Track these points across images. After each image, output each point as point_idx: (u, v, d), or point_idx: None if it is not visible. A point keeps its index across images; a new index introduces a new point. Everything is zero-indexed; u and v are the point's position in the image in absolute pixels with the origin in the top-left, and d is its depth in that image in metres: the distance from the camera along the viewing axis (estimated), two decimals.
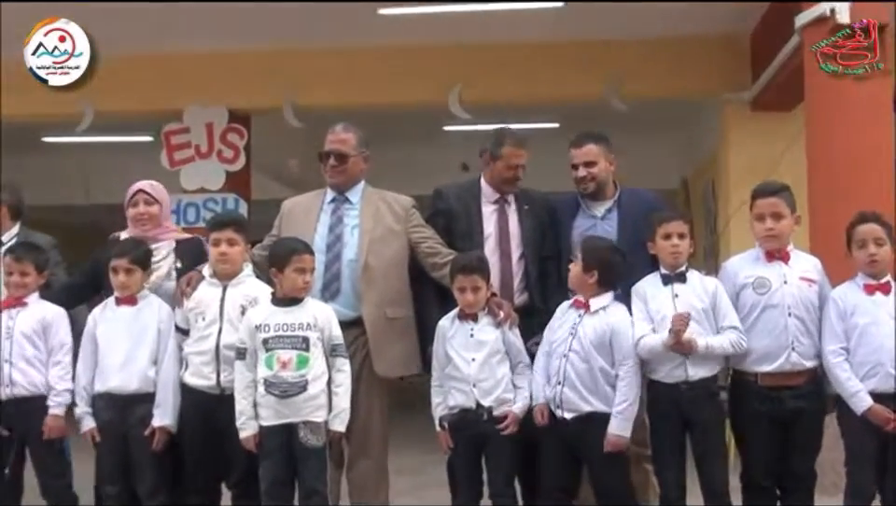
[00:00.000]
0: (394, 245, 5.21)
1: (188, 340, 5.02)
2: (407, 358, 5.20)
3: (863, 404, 4.56)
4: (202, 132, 9.83)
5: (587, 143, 5.28)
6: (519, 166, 5.30)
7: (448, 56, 9.12)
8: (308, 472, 4.68)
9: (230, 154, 9.84)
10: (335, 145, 5.29)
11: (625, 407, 4.62)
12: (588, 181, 5.23)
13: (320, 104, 9.24)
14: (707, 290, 4.70)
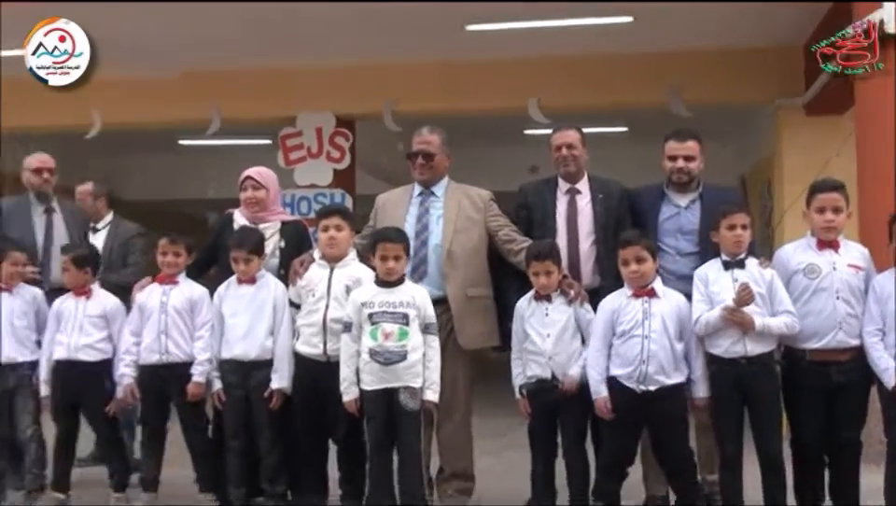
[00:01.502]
0: (474, 233, 5.22)
1: (299, 313, 5.09)
2: (487, 333, 5.21)
3: (893, 380, 4.48)
4: (312, 135, 9.90)
5: (689, 139, 5.18)
6: (561, 146, 5.24)
7: (528, 67, 9.03)
8: (406, 434, 4.73)
9: (337, 154, 9.90)
10: (422, 145, 5.31)
11: (702, 373, 4.65)
12: (685, 173, 5.13)
13: (415, 110, 9.23)
14: (763, 277, 4.62)
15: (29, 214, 6.12)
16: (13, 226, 6.02)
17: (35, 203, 6.17)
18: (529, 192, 5.40)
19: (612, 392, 4.65)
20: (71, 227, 6.14)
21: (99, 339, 5.32)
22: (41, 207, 6.14)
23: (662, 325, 4.61)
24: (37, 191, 6.18)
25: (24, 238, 5.87)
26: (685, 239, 5.08)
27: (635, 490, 5.06)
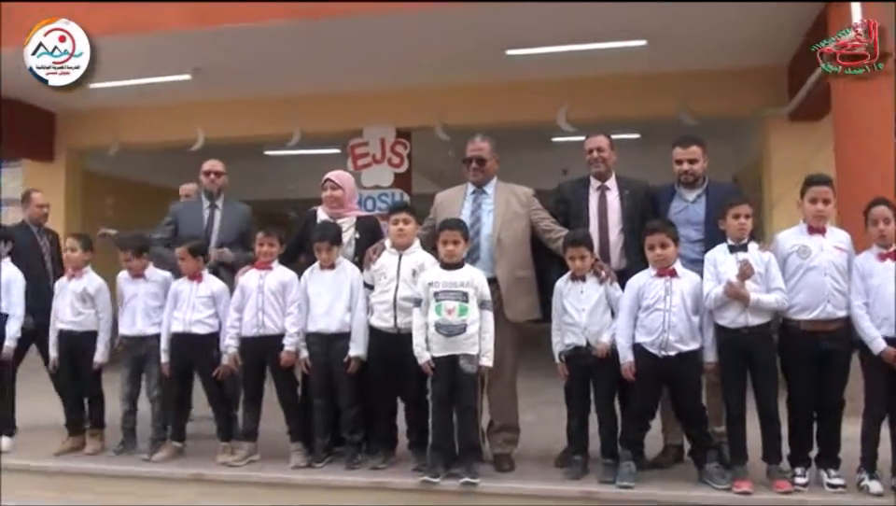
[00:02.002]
0: (519, 224, 5.16)
1: (373, 293, 5.09)
2: (531, 307, 5.15)
3: (880, 346, 4.42)
4: (377, 144, 9.92)
5: (692, 144, 5.08)
6: (592, 149, 5.17)
7: (557, 85, 8.98)
8: (465, 392, 4.73)
9: (397, 160, 9.91)
10: (476, 152, 5.25)
11: (712, 342, 4.60)
12: (689, 174, 5.04)
13: (462, 122, 9.20)
14: (762, 259, 4.54)
15: (199, 209, 6.05)
16: (186, 218, 6.00)
17: (204, 200, 6.09)
18: (566, 189, 5.33)
19: (637, 357, 4.61)
20: (227, 221, 6.02)
21: (208, 315, 5.34)
22: (208, 203, 6.06)
23: (681, 300, 4.57)
24: (206, 190, 6.08)
25: (194, 230, 5.84)
26: (693, 228, 4.99)
27: (655, 441, 5.02)
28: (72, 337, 5.62)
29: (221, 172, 6.13)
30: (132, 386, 5.55)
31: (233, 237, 5.94)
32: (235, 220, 6.05)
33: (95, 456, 5.54)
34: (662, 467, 4.96)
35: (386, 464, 5.09)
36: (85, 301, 5.62)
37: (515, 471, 4.97)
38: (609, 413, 4.76)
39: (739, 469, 4.52)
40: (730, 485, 4.46)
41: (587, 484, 4.67)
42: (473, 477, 4.67)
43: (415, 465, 4.97)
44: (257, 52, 8.10)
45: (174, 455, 5.41)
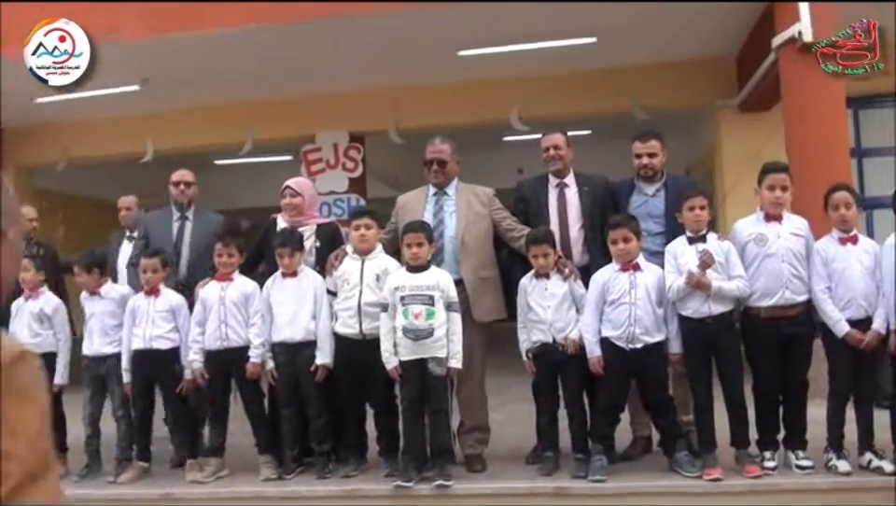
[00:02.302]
0: (482, 224, 5.16)
1: (336, 300, 5.05)
2: (497, 307, 5.17)
3: (843, 329, 4.51)
4: (330, 149, 9.88)
5: (652, 139, 5.14)
6: (549, 148, 5.19)
7: (509, 84, 9.01)
8: (435, 395, 4.72)
9: (351, 165, 9.88)
10: (436, 154, 5.23)
11: (676, 333, 4.65)
12: (649, 168, 5.09)
13: (415, 125, 9.22)
14: (722, 249, 4.61)
15: (169, 221, 5.86)
16: (155, 232, 5.81)
17: (174, 211, 5.89)
18: (525, 188, 5.36)
19: (605, 351, 4.66)
20: (197, 232, 5.81)
21: (168, 330, 5.26)
22: (178, 215, 5.87)
23: (646, 293, 4.62)
24: (176, 201, 5.88)
25: (163, 242, 5.67)
26: (653, 222, 5.05)
27: (625, 433, 5.07)
28: None
29: (191, 182, 5.93)
30: (93, 407, 5.43)
31: (204, 249, 5.75)
32: (207, 232, 5.81)
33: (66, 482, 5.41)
34: (632, 459, 5.02)
35: (358, 471, 5.05)
36: (42, 321, 5.50)
37: (487, 471, 4.97)
38: (578, 408, 4.80)
39: (709, 456, 4.58)
40: (700, 473, 4.53)
41: (559, 480, 4.70)
42: (446, 479, 4.66)
43: (387, 471, 4.95)
44: (205, 60, 8.02)
45: (140, 475, 5.31)
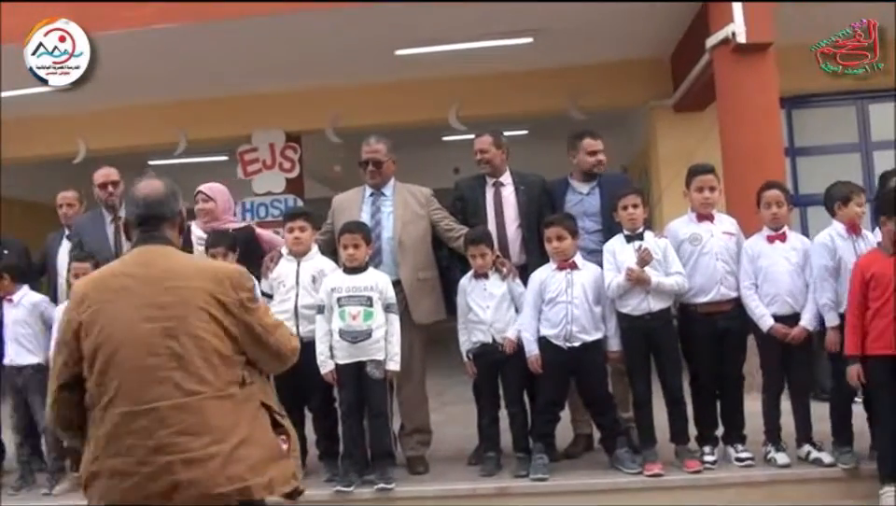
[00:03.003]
0: (420, 225, 5.13)
1: (272, 303, 4.95)
2: (436, 308, 5.14)
3: (767, 324, 4.62)
4: (266, 149, 9.75)
5: (598, 137, 5.19)
6: (478, 151, 5.20)
7: (447, 84, 9.02)
8: (374, 398, 4.67)
9: (288, 165, 9.75)
10: (371, 154, 5.17)
11: (615, 330, 4.69)
12: (602, 164, 5.14)
13: (353, 124, 9.17)
14: (659, 246, 4.67)
15: (102, 225, 5.60)
16: (89, 237, 5.54)
17: (105, 214, 5.64)
18: (463, 187, 5.35)
19: (543, 350, 4.67)
20: None
21: None
22: (110, 217, 5.62)
23: (582, 292, 4.64)
24: (105, 204, 5.64)
25: (100, 247, 5.41)
26: (590, 220, 5.08)
27: (565, 431, 5.10)
28: None
29: (117, 181, 5.67)
30: (18, 417, 5.25)
31: None
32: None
33: None
34: (574, 456, 5.05)
35: None
36: None
37: (430, 473, 4.95)
38: (519, 407, 4.81)
39: (649, 452, 4.63)
40: (641, 469, 4.57)
41: (501, 480, 4.71)
42: (388, 483, 4.62)
43: (327, 475, 4.88)
44: (137, 58, 7.80)
45: (76, 486, 5.14)
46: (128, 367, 2.32)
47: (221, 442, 2.32)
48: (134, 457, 2.28)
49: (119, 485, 2.30)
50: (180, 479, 2.27)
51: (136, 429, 2.29)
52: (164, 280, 2.41)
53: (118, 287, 2.42)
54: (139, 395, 2.30)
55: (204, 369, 2.34)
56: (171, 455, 2.27)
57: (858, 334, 4.22)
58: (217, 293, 2.42)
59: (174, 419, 2.29)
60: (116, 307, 2.37)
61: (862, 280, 4.21)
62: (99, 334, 2.36)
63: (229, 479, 2.32)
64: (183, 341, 2.34)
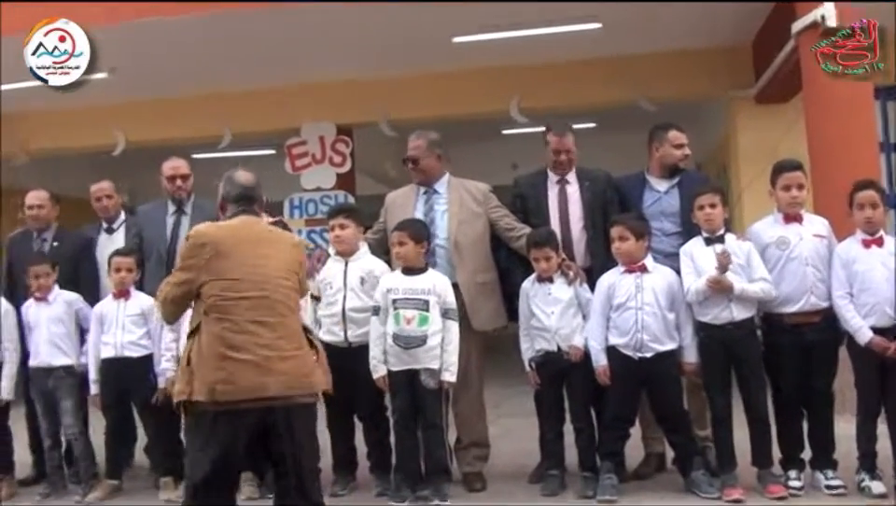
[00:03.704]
0: (477, 223, 5.09)
1: (320, 305, 4.97)
2: (497, 313, 5.10)
3: (865, 337, 4.42)
4: (316, 143, 9.79)
5: (683, 130, 5.12)
6: (560, 151, 5.10)
7: (508, 73, 8.94)
8: (428, 409, 4.65)
9: (338, 159, 9.79)
10: (409, 151, 5.18)
11: (691, 340, 4.60)
12: (687, 158, 5.09)
13: (408, 116, 9.15)
14: (742, 249, 4.55)
15: (163, 215, 5.71)
16: (148, 227, 5.68)
17: (170, 205, 5.74)
18: (523, 184, 5.28)
19: (612, 360, 4.60)
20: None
21: (140, 336, 5.16)
22: (174, 209, 5.72)
23: (653, 297, 4.56)
24: (171, 197, 5.73)
25: (158, 238, 5.57)
26: (668, 221, 4.99)
27: (636, 450, 5.00)
28: None
29: (188, 174, 5.72)
30: (48, 422, 5.32)
31: None
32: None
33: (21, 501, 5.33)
34: (644, 477, 4.94)
35: (347, 490, 4.99)
36: None
37: (487, 490, 4.91)
38: (585, 422, 4.74)
39: (728, 475, 4.52)
40: (719, 494, 4.46)
41: (565, 500, 4.64)
42: (443, 499, 4.61)
43: (378, 489, 4.89)
44: (179, 48, 7.93)
45: (110, 493, 5.22)
46: (242, 293, 3.35)
47: (299, 348, 3.42)
48: (250, 353, 3.29)
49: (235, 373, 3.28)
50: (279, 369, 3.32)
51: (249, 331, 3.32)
52: (259, 239, 3.52)
53: (232, 238, 3.45)
54: (249, 314, 3.33)
55: (285, 299, 3.43)
56: (273, 351, 3.32)
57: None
58: (292, 252, 3.59)
59: (272, 330, 3.34)
60: (233, 251, 3.41)
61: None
62: (220, 269, 3.37)
63: (304, 374, 3.40)
64: (273, 281, 3.41)
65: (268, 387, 3.28)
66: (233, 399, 3.26)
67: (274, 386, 3.28)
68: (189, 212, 5.70)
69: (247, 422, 3.28)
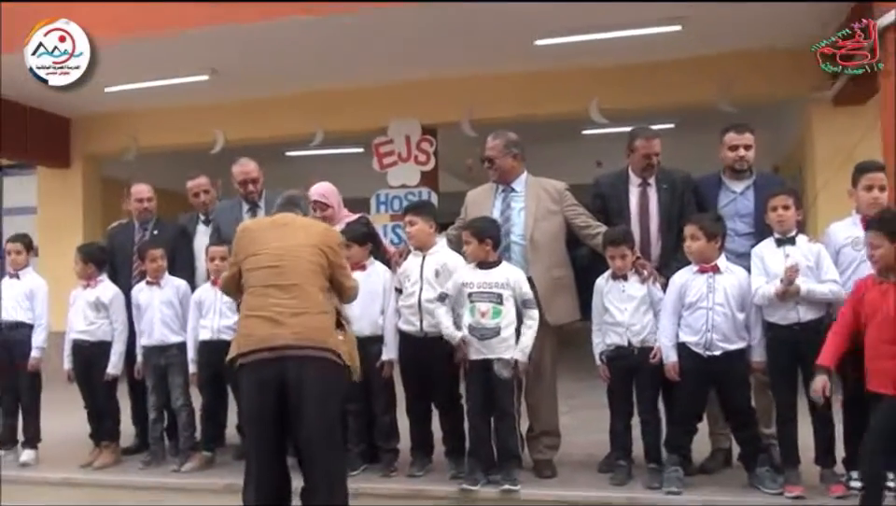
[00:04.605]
0: (554, 221, 5.13)
1: (400, 297, 5.10)
2: (571, 308, 5.14)
3: None
4: (402, 142, 9.89)
5: (746, 131, 5.07)
6: (650, 155, 5.09)
7: (587, 74, 8.90)
8: (502, 398, 4.72)
9: (423, 158, 9.87)
10: (487, 151, 5.24)
11: (760, 340, 4.56)
12: (745, 161, 5.02)
13: (490, 117, 9.16)
14: (812, 252, 4.50)
15: (239, 213, 5.90)
16: (225, 223, 5.85)
17: (244, 204, 5.98)
18: (604, 184, 5.29)
19: (682, 357, 4.59)
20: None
21: (236, 320, 5.33)
22: (248, 207, 5.95)
23: (725, 297, 4.54)
24: (245, 198, 5.96)
25: (231, 233, 5.80)
26: (742, 221, 4.96)
27: (702, 444, 5.01)
28: (84, 347, 5.70)
29: (257, 178, 5.92)
30: (156, 396, 5.62)
31: None
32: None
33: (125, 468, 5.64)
34: (710, 471, 4.94)
35: (423, 472, 5.11)
36: (98, 309, 5.68)
37: (557, 478, 4.97)
38: (653, 415, 4.75)
39: (791, 472, 4.48)
40: (781, 490, 4.43)
41: (632, 491, 4.67)
42: (513, 484, 4.68)
43: (452, 472, 4.99)
44: (275, 50, 8.12)
45: (204, 464, 5.47)
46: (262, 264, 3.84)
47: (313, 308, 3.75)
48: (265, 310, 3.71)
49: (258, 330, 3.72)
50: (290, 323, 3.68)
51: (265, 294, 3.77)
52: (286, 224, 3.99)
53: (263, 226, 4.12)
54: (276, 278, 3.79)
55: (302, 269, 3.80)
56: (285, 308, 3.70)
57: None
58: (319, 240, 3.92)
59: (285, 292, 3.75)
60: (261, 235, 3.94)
61: None
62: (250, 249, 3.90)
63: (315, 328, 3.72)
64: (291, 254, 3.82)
65: (279, 337, 3.63)
66: (249, 349, 3.66)
67: (285, 336, 3.63)
68: (264, 207, 5.91)
69: (266, 376, 3.64)
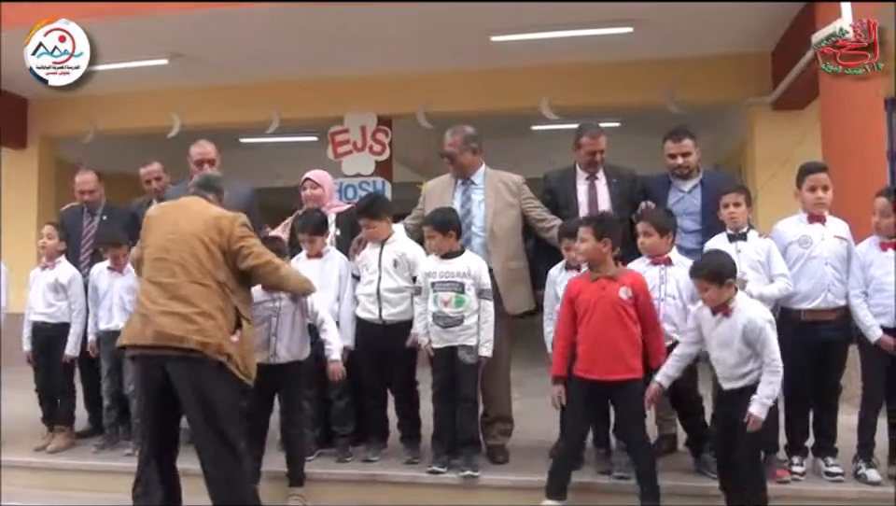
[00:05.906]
0: (511, 214, 5.07)
1: (358, 285, 5.00)
2: (527, 298, 5.08)
3: (876, 335, 4.39)
4: (357, 131, 9.77)
5: (684, 138, 5.04)
6: (595, 151, 5.06)
7: (541, 72, 8.87)
8: (464, 383, 4.67)
9: (378, 148, 9.75)
10: (446, 147, 5.14)
11: None
12: (684, 167, 5.00)
13: (444, 110, 9.10)
14: (762, 247, 4.49)
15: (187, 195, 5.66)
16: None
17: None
18: (553, 179, 5.25)
19: None
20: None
21: None
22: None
23: (676, 288, 4.50)
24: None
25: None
26: (689, 219, 4.94)
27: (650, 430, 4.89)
28: (44, 329, 5.50)
29: (214, 158, 5.65)
30: (111, 381, 5.43)
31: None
32: (237, 206, 5.55)
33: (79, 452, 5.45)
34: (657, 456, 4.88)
35: (378, 457, 5.01)
36: (57, 291, 5.50)
37: (510, 463, 4.91)
38: None
39: None
40: None
41: (584, 476, 4.62)
42: (475, 470, 4.63)
43: (408, 458, 4.91)
44: (235, 37, 7.94)
45: None
46: (150, 256, 3.77)
47: (190, 307, 3.58)
48: (142, 306, 3.66)
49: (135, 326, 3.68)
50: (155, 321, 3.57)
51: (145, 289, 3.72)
52: (181, 213, 3.84)
53: (163, 213, 3.93)
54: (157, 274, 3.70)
55: (186, 262, 3.65)
56: (157, 306, 3.59)
57: None
58: (209, 227, 3.74)
59: (163, 289, 3.63)
60: (157, 223, 3.85)
61: None
62: (146, 238, 3.85)
63: (184, 329, 3.54)
64: (178, 246, 3.68)
65: (144, 336, 3.56)
66: (123, 343, 3.68)
67: (148, 336, 3.55)
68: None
69: (141, 370, 3.71)
